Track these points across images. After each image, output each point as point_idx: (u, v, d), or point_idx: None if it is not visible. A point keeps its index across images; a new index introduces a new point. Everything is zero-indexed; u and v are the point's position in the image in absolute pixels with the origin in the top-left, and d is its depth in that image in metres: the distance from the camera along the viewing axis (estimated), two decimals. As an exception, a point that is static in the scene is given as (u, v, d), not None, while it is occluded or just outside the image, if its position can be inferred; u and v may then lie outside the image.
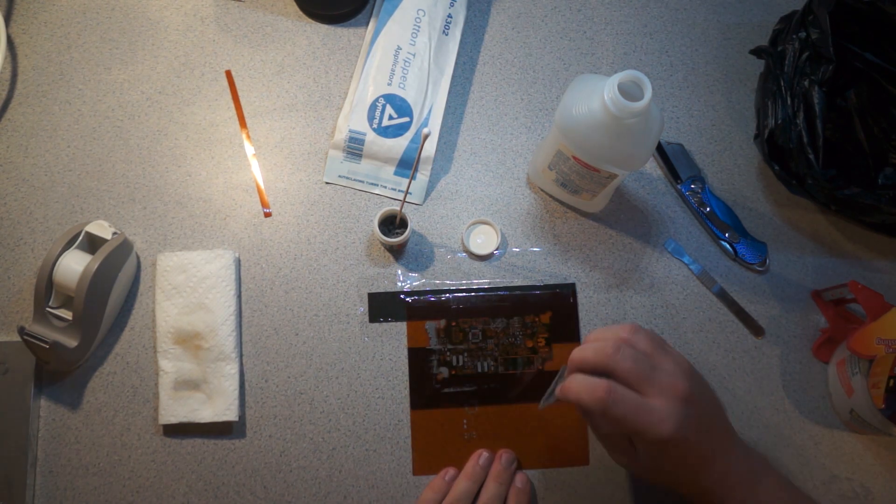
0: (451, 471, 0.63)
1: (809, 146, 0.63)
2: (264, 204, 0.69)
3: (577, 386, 0.50)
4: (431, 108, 0.71)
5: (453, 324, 0.66)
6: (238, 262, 0.67)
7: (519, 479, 0.63)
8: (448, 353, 0.66)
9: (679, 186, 0.71)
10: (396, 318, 0.66)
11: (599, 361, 0.50)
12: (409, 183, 0.60)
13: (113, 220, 0.68)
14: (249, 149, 0.71)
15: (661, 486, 0.55)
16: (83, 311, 0.60)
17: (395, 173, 0.70)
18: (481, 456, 0.63)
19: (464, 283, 0.68)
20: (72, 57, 0.72)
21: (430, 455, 0.64)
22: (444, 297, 0.67)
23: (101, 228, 0.63)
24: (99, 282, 0.60)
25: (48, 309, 0.61)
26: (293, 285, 0.67)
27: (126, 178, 0.69)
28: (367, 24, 0.75)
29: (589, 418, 0.52)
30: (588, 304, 0.68)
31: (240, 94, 0.72)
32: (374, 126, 0.69)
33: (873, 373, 0.59)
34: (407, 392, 0.65)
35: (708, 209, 0.70)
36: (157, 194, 0.69)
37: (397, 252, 0.68)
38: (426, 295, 0.67)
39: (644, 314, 0.68)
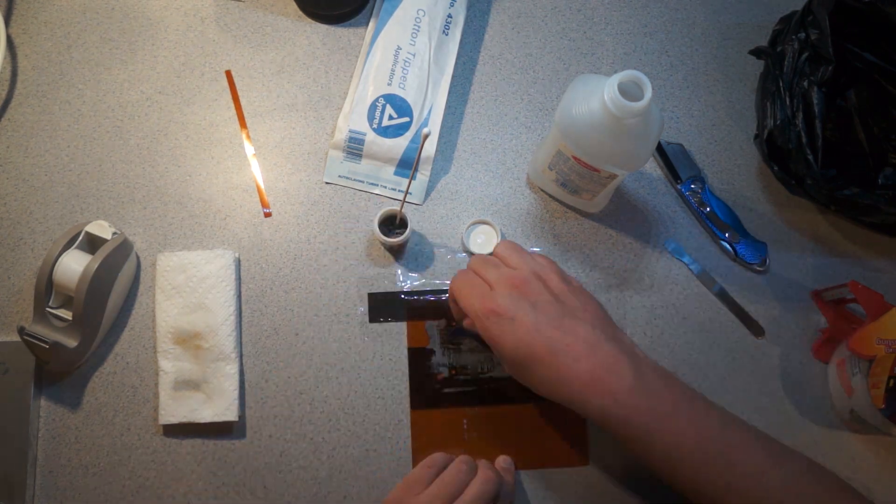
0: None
1: (808, 147, 0.63)
2: (264, 204, 0.69)
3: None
4: (431, 108, 0.71)
5: (453, 324, 0.66)
6: (238, 262, 0.67)
7: (502, 458, 0.63)
8: (448, 353, 0.66)
9: (679, 186, 0.71)
10: (396, 318, 0.66)
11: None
12: (409, 183, 0.60)
13: (113, 220, 0.68)
14: (249, 149, 0.71)
15: (544, 395, 0.55)
16: (83, 311, 0.60)
17: (395, 173, 0.70)
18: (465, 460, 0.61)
19: (464, 283, 0.68)
20: (72, 57, 0.72)
21: (429, 455, 0.64)
22: (444, 297, 0.67)
23: (101, 228, 0.63)
24: (99, 282, 0.60)
25: (48, 309, 0.61)
26: (293, 285, 0.67)
27: (126, 178, 0.69)
28: (367, 24, 0.75)
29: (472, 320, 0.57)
30: (588, 304, 0.68)
31: (240, 94, 0.72)
32: (374, 126, 0.69)
33: (873, 373, 0.59)
34: (407, 392, 0.65)
35: (708, 209, 0.70)
36: (157, 194, 0.69)
37: (397, 252, 0.68)
38: (426, 295, 0.67)
39: (644, 314, 0.68)
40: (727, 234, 0.69)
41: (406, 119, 0.70)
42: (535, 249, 0.69)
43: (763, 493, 0.50)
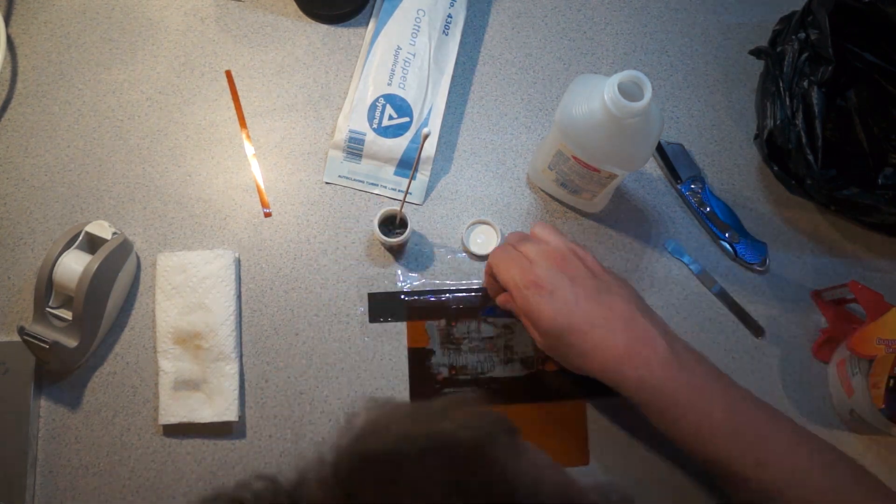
0: None
1: (808, 147, 0.63)
2: (264, 204, 0.69)
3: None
4: (431, 108, 0.71)
5: (453, 324, 0.66)
6: (238, 262, 0.67)
7: None
8: (448, 353, 0.66)
9: (679, 186, 0.71)
10: (396, 318, 0.66)
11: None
12: (409, 183, 0.61)
13: (113, 220, 0.68)
14: (249, 149, 0.71)
15: (575, 369, 0.56)
16: (83, 311, 0.60)
17: (395, 173, 0.70)
18: None
19: (464, 283, 0.68)
20: (72, 57, 0.72)
21: None
22: (444, 297, 0.67)
23: (101, 228, 0.63)
24: (99, 282, 0.60)
25: (48, 309, 0.61)
26: (293, 285, 0.67)
27: (126, 178, 0.69)
28: (367, 24, 0.75)
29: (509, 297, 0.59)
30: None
31: (240, 94, 0.72)
32: (374, 126, 0.69)
33: (873, 373, 0.59)
34: (407, 392, 0.65)
35: (708, 209, 0.70)
36: (157, 194, 0.69)
37: (397, 252, 0.68)
38: (426, 295, 0.67)
39: (644, 314, 0.68)
40: (727, 234, 0.69)
41: (406, 119, 0.70)
42: (535, 249, 0.69)
43: (793, 469, 0.51)
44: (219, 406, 0.62)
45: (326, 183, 0.70)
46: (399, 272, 0.68)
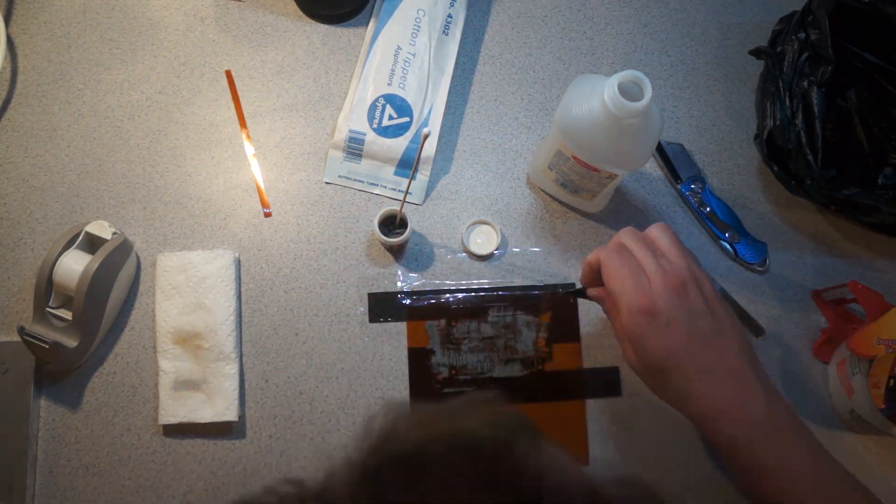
0: None
1: (808, 147, 0.63)
2: (264, 204, 0.69)
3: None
4: (431, 108, 0.71)
5: (453, 324, 0.66)
6: (238, 262, 0.67)
7: None
8: (448, 353, 0.66)
9: (679, 186, 0.71)
10: (396, 318, 0.66)
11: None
12: (409, 183, 0.61)
13: (113, 220, 0.68)
14: (249, 149, 0.71)
15: (666, 401, 0.54)
16: (83, 311, 0.60)
17: (395, 173, 0.70)
18: None
19: (464, 283, 0.68)
20: (72, 57, 0.72)
21: None
22: (444, 297, 0.67)
23: (101, 228, 0.63)
24: (99, 282, 0.60)
25: (48, 309, 0.61)
26: (293, 285, 0.67)
27: (126, 178, 0.69)
28: (367, 24, 0.75)
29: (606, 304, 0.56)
30: (588, 304, 0.68)
31: (240, 94, 0.72)
32: (374, 126, 0.69)
33: (873, 373, 0.59)
34: (407, 392, 0.65)
35: (708, 209, 0.70)
36: (157, 194, 0.69)
37: (397, 252, 0.68)
38: (426, 295, 0.67)
39: (644, 314, 0.68)
40: (727, 234, 0.69)
41: (406, 119, 0.70)
42: (535, 249, 0.69)
43: None
44: (219, 406, 0.62)
45: (326, 183, 0.70)
46: (399, 272, 0.68)
